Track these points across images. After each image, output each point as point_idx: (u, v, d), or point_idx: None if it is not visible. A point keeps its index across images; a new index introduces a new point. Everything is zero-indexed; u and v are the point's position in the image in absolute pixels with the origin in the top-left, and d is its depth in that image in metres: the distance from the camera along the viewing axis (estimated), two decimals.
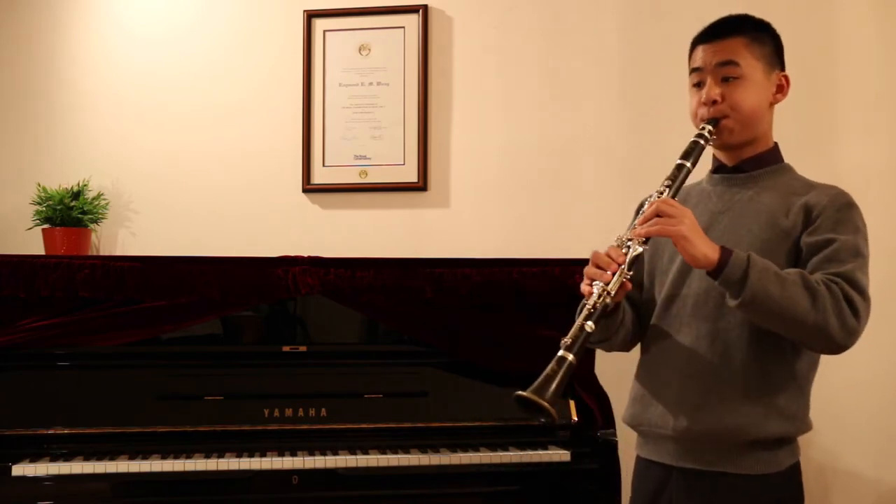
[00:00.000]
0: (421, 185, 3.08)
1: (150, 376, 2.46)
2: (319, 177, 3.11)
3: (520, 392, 1.50)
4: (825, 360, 2.98)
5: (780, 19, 3.00)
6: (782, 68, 1.79)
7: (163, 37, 3.17)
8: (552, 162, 3.04)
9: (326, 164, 3.12)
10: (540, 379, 1.51)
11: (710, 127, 1.68)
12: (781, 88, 1.79)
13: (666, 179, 1.65)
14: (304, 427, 2.41)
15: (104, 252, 3.10)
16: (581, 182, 3.04)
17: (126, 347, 2.47)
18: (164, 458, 2.26)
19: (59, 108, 3.16)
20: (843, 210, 1.66)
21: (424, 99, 3.10)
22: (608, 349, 1.85)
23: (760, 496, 1.63)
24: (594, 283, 1.59)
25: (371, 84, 3.13)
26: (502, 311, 2.54)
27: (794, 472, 1.68)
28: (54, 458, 2.24)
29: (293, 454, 2.28)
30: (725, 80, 1.70)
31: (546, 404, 1.47)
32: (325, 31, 3.15)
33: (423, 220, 3.08)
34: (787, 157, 1.88)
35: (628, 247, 1.59)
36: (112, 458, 2.24)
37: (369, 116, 3.12)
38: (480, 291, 2.53)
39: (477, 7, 3.12)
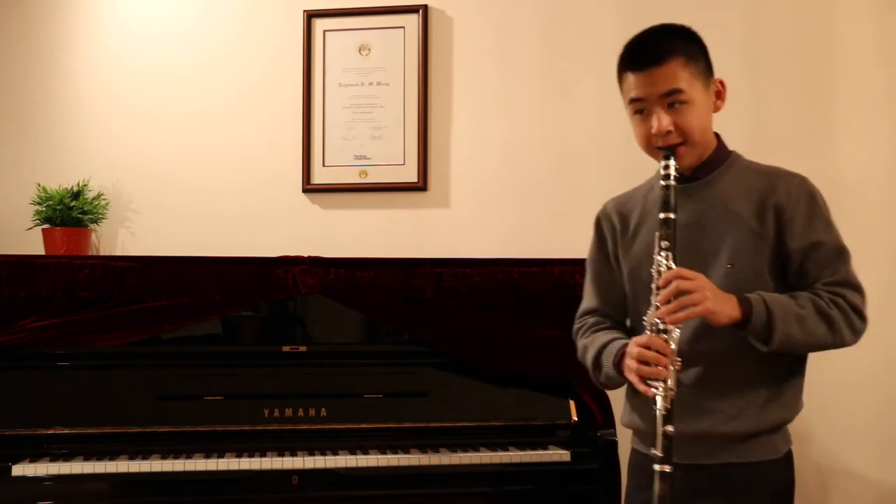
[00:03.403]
0: (421, 185, 3.08)
1: (150, 376, 2.46)
2: (319, 177, 3.11)
3: None
4: (825, 360, 2.98)
5: (781, 19, 3.03)
6: (713, 73, 1.75)
7: (163, 37, 3.17)
8: (552, 162, 3.04)
9: (326, 164, 3.12)
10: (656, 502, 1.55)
11: (673, 163, 1.65)
12: (720, 94, 1.75)
13: (661, 240, 1.63)
14: (304, 427, 2.41)
15: (104, 252, 3.10)
16: (581, 182, 3.04)
17: (126, 347, 2.47)
18: (164, 458, 2.26)
19: (59, 108, 3.16)
20: (810, 205, 1.69)
21: (424, 99, 3.10)
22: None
23: (762, 482, 1.67)
24: (651, 383, 1.58)
25: (371, 84, 3.13)
26: (502, 311, 2.54)
27: (790, 458, 1.73)
28: (54, 458, 2.24)
29: (293, 454, 2.28)
30: (671, 105, 1.67)
31: None
32: (325, 31, 3.15)
33: (423, 220, 3.08)
34: (788, 156, 1.88)
35: (666, 331, 1.59)
36: (112, 458, 2.24)
37: (369, 116, 3.12)
38: (480, 291, 2.53)
39: (477, 7, 3.12)
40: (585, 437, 2.40)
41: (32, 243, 2.93)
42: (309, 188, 3.11)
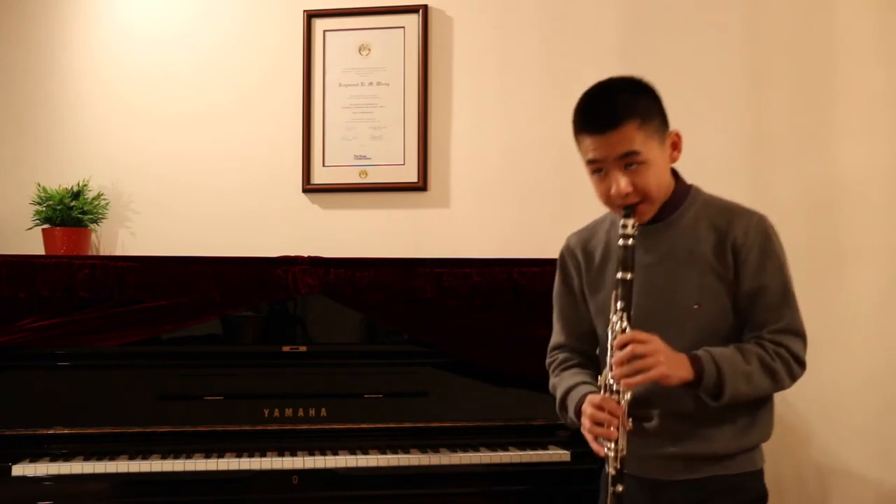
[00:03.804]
0: (421, 185, 3.08)
1: (150, 376, 2.46)
2: (319, 177, 3.11)
3: None
4: (825, 360, 2.99)
5: (781, 19, 3.03)
6: (668, 125, 1.75)
7: (163, 37, 3.17)
8: (552, 162, 3.04)
9: (326, 164, 3.12)
10: None
11: (632, 222, 1.68)
12: (676, 146, 1.76)
13: (617, 300, 1.65)
14: (304, 427, 2.41)
15: (104, 252, 3.09)
16: (581, 182, 3.00)
17: (126, 347, 2.47)
18: (164, 458, 2.26)
19: (59, 108, 3.15)
20: (764, 245, 1.74)
21: (424, 99, 3.10)
22: None
23: (742, 490, 1.76)
24: (603, 443, 1.64)
25: (371, 84, 3.13)
26: (502, 311, 2.54)
27: (762, 473, 1.81)
28: (54, 458, 2.25)
29: (293, 454, 2.29)
30: (628, 165, 1.68)
31: None
32: (325, 31, 3.15)
33: (423, 220, 3.08)
34: (788, 156, 1.88)
35: (617, 392, 1.63)
36: (112, 458, 2.25)
37: (369, 116, 3.12)
38: (480, 291, 2.53)
39: (477, 7, 3.12)
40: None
41: (32, 243, 2.92)
42: (309, 188, 3.11)
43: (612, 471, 1.62)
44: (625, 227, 1.67)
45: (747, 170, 2.95)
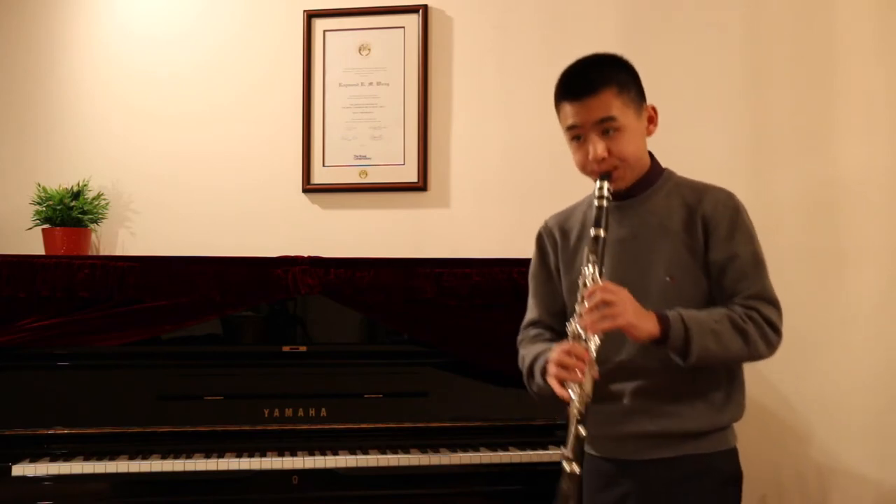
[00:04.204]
0: (421, 185, 3.08)
1: (150, 376, 2.46)
2: (319, 177, 3.11)
3: None
4: (825, 360, 2.99)
5: (781, 19, 3.03)
6: (645, 99, 1.83)
7: (163, 37, 3.17)
8: (552, 162, 3.03)
9: (326, 164, 3.12)
10: (559, 501, 1.60)
11: (607, 185, 1.75)
12: (652, 119, 1.84)
13: (590, 254, 1.70)
14: (304, 427, 2.41)
15: (104, 252, 3.09)
16: (581, 182, 3.02)
17: (126, 347, 2.47)
18: (164, 458, 2.26)
19: (59, 108, 3.16)
20: (734, 216, 1.77)
21: (424, 99, 3.10)
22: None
23: (714, 470, 1.76)
24: (568, 386, 1.64)
25: (371, 84, 3.13)
26: (502, 311, 2.54)
27: (736, 452, 1.82)
28: (54, 458, 2.25)
29: (293, 454, 2.29)
30: (606, 132, 1.75)
31: None
32: (325, 31, 3.15)
33: (423, 220, 3.08)
34: (788, 156, 1.88)
35: (586, 339, 1.65)
36: (112, 458, 2.25)
37: (369, 116, 3.12)
38: (480, 291, 2.53)
39: (477, 7, 3.12)
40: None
41: (32, 243, 2.93)
42: (309, 188, 3.11)
43: (576, 414, 1.62)
44: (601, 188, 1.74)
45: (747, 170, 2.95)
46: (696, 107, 2.95)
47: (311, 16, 3.14)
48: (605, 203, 1.73)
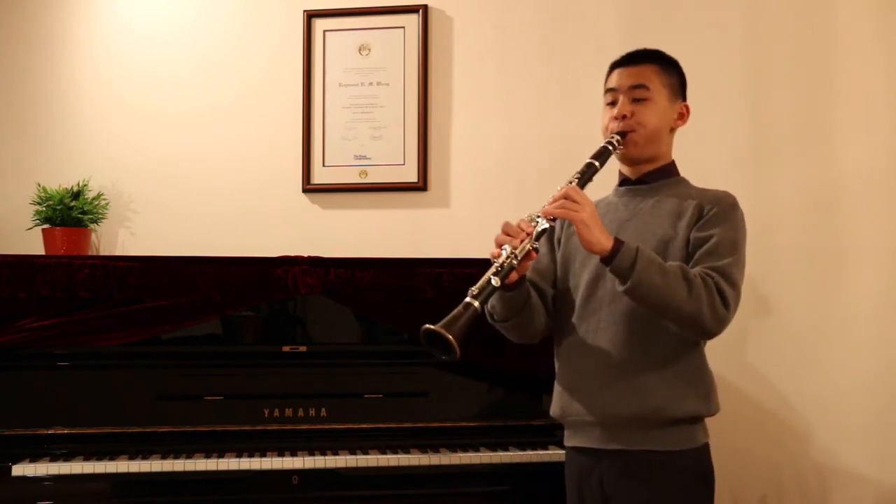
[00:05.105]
0: (421, 185, 3.08)
1: (150, 376, 2.46)
2: (319, 177, 3.11)
3: (428, 325, 1.62)
4: (825, 360, 2.98)
5: (781, 19, 3.03)
6: (685, 99, 2.01)
7: (163, 37, 3.17)
8: (552, 162, 3.04)
9: (326, 164, 3.12)
10: (447, 318, 1.63)
11: (618, 136, 1.89)
12: (682, 116, 1.99)
13: (576, 173, 1.83)
14: (304, 427, 2.41)
15: (104, 252, 3.09)
16: None
17: (126, 347, 2.47)
18: (164, 458, 2.26)
19: (59, 108, 3.15)
20: (727, 209, 1.86)
21: (424, 99, 3.10)
22: (517, 335, 1.99)
23: (682, 469, 1.82)
24: (503, 247, 1.74)
25: (371, 84, 3.13)
26: None
27: (707, 449, 1.88)
28: (54, 458, 2.25)
29: (293, 454, 2.29)
30: (636, 100, 1.91)
31: (451, 338, 1.60)
32: (325, 31, 3.15)
33: (423, 220, 3.08)
34: (788, 156, 1.88)
35: (537, 221, 1.75)
36: (112, 458, 2.25)
37: (369, 116, 3.12)
38: None
39: (477, 7, 3.12)
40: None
41: (32, 243, 2.92)
42: (309, 188, 3.11)
43: (498, 264, 1.70)
44: (612, 136, 1.89)
45: (747, 170, 2.95)
46: (695, 107, 2.91)
47: (311, 16, 3.14)
48: (609, 147, 1.87)
